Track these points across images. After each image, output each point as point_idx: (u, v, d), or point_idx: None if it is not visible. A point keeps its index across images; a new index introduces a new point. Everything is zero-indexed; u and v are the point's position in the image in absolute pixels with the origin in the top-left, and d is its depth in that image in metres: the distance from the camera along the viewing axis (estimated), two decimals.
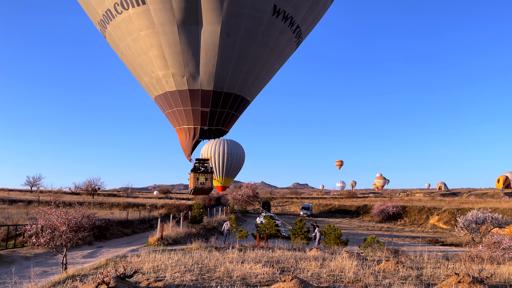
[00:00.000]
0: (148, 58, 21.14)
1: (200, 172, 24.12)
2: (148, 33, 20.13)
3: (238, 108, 23.79)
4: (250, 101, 24.61)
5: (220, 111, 22.42)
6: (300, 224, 20.28)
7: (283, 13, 19.95)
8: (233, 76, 21.42)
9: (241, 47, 20.42)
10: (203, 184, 23.82)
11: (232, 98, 22.36)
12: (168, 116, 23.92)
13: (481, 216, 30.68)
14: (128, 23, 20.24)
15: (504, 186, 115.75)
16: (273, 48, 21.69)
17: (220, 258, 11.22)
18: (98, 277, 6.59)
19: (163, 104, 23.40)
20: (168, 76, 21.41)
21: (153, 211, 42.20)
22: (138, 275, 8.93)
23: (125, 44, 21.59)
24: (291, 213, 67.55)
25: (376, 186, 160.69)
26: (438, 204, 55.13)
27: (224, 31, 19.71)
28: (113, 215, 31.51)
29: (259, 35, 20.37)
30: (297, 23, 21.35)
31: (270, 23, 20.10)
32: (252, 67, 21.76)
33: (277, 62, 23.68)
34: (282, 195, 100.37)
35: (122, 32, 20.92)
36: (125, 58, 22.92)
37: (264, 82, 24.69)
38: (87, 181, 61.31)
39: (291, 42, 22.79)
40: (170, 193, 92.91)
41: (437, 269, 9.12)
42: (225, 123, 23.27)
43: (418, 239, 33.61)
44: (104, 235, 25.77)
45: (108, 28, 21.65)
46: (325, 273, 8.46)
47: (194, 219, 27.47)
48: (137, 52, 21.35)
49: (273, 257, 11.34)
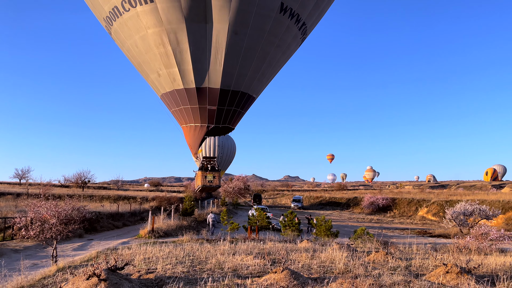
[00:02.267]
0: (155, 56, 21.12)
1: (208, 171, 24.49)
2: (156, 31, 20.10)
3: (245, 106, 24.00)
4: (255, 98, 24.88)
5: (227, 109, 22.59)
6: (291, 216, 20.41)
7: (290, 10, 20.06)
8: (240, 74, 21.58)
9: (248, 45, 20.53)
10: (211, 182, 24.21)
11: (239, 95, 22.53)
12: (175, 114, 23.96)
13: (469, 208, 31.20)
14: (135, 20, 20.16)
15: (492, 179, 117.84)
16: (280, 45, 21.89)
17: (212, 250, 11.25)
18: (89, 270, 6.56)
19: (169, 102, 23.42)
20: (176, 74, 21.44)
21: (144, 204, 42.03)
22: (129, 267, 8.92)
23: (131, 42, 21.52)
24: (282, 205, 67.90)
25: (366, 178, 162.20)
26: (427, 196, 55.92)
27: (232, 29, 19.77)
28: (103, 207, 31.30)
29: (266, 32, 20.49)
30: (303, 20, 21.56)
31: (277, 21, 20.20)
32: (258, 65, 21.92)
33: (283, 58, 23.92)
34: (273, 187, 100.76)
35: (129, 30, 20.84)
36: (132, 56, 22.86)
37: (269, 79, 24.94)
38: (76, 173, 60.67)
39: (296, 39, 23.02)
40: (161, 186, 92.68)
41: (426, 260, 9.27)
42: (231, 120, 23.47)
43: (407, 231, 34.08)
44: (94, 228, 25.60)
45: (115, 25, 21.52)
46: (315, 264, 8.54)
47: (185, 212, 27.45)
48: (144, 50, 21.31)
49: (264, 249, 11.41)
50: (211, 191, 27.94)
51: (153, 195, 51.13)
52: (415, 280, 6.90)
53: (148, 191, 69.64)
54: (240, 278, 7.17)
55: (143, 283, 7.11)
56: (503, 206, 39.46)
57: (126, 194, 53.21)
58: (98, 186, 74.70)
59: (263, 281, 6.85)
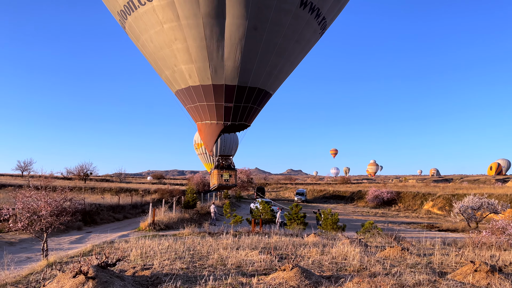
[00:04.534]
0: (171, 52, 20.48)
1: (224, 169, 24.14)
2: (172, 26, 19.42)
3: (261, 102, 23.46)
4: (272, 94, 24.37)
5: (244, 105, 22.05)
6: (297, 209, 19.71)
7: (310, 4, 19.36)
8: (258, 71, 20.98)
9: (267, 41, 19.84)
10: (227, 181, 23.97)
11: (256, 92, 21.99)
12: (190, 111, 23.48)
13: (477, 201, 30.43)
14: (151, 15, 19.48)
15: (496, 173, 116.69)
16: (299, 40, 21.24)
17: (214, 244, 10.55)
18: (76, 266, 5.87)
19: (185, 98, 22.86)
20: (192, 71, 20.83)
21: (146, 196, 41.50)
22: (123, 262, 8.25)
23: (147, 37, 20.88)
24: (286, 198, 67.29)
25: (369, 172, 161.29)
26: (432, 190, 55.08)
27: (251, 24, 19.05)
28: (103, 199, 30.74)
29: (286, 28, 19.79)
30: (323, 14, 20.90)
31: (297, 15, 19.50)
32: (277, 61, 21.29)
33: (301, 54, 23.30)
34: (276, 181, 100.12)
35: (145, 24, 20.18)
36: (146, 51, 22.25)
37: (287, 75, 24.37)
38: (79, 166, 60.22)
39: (315, 34, 22.38)
40: (164, 179, 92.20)
41: (445, 257, 8.54)
42: (248, 117, 22.98)
43: (414, 225, 33.37)
44: (94, 220, 25.06)
45: (129, 19, 20.89)
46: (327, 260, 7.82)
47: (187, 204, 26.82)
48: (159, 45, 20.67)
49: (270, 243, 10.72)
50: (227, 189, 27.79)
51: (155, 187, 50.64)
52: (440, 279, 6.19)
53: (151, 183, 69.20)
54: (245, 276, 6.48)
55: (137, 281, 6.41)
56: (511, 200, 38.64)
57: (128, 186, 52.79)
58: (100, 179, 74.33)
59: (270, 280, 6.15)
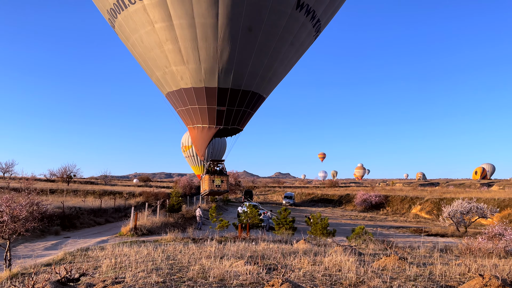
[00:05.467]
0: (163, 53, 19.70)
1: (216, 174, 23.33)
2: (164, 26, 18.65)
3: (255, 106, 22.78)
4: (265, 98, 23.76)
5: (237, 109, 21.38)
6: (285, 213, 19.01)
7: (306, 6, 18.83)
8: (252, 73, 20.34)
9: (262, 43, 19.21)
10: (219, 186, 23.17)
11: (249, 96, 21.33)
12: (181, 114, 22.68)
13: (466, 206, 30.22)
14: (142, 14, 18.67)
15: (481, 177, 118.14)
16: (293, 43, 20.63)
17: (196, 252, 9.75)
18: (29, 283, 5.04)
19: (176, 101, 22.03)
20: (184, 72, 20.06)
21: (130, 199, 40.31)
22: (95, 274, 7.41)
23: (137, 37, 20.05)
24: (274, 202, 66.62)
25: (356, 176, 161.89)
26: (420, 194, 55.09)
27: (245, 25, 18.39)
28: (84, 202, 29.55)
29: (281, 30, 19.19)
30: (318, 16, 20.44)
31: (293, 17, 18.94)
32: (271, 64, 20.68)
33: (296, 57, 22.77)
34: (264, 184, 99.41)
35: (135, 24, 19.35)
36: (136, 51, 21.35)
37: (280, 78, 23.82)
38: (62, 168, 58.50)
39: (310, 36, 21.89)
40: (151, 181, 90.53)
41: (447, 267, 7.92)
42: (241, 121, 22.25)
43: (403, 229, 33.02)
44: (73, 225, 23.94)
45: (119, 18, 20.01)
46: (319, 272, 7.11)
47: (172, 208, 25.88)
48: (150, 46, 19.88)
49: (257, 251, 9.97)
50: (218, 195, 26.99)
51: (140, 190, 49.37)
52: None
53: (137, 186, 67.67)
54: None
55: None
56: (498, 204, 38.71)
57: (113, 189, 51.40)
58: (85, 181, 72.57)
59: None
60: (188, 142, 74.58)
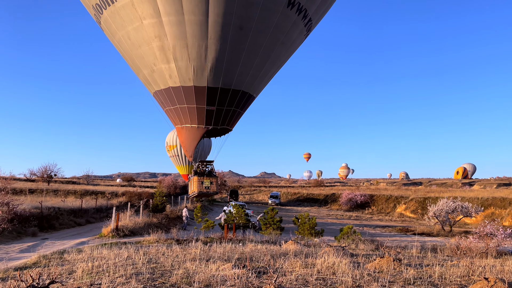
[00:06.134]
0: (151, 50, 19.08)
1: (205, 176, 22.69)
2: (152, 23, 18.05)
3: (245, 106, 22.28)
4: (255, 97, 23.20)
5: (227, 109, 20.89)
6: (272, 213, 18.58)
7: (298, 4, 18.45)
8: (242, 72, 19.87)
9: (252, 41, 18.78)
10: (208, 188, 22.60)
11: (239, 95, 20.86)
12: (169, 113, 21.91)
13: (452, 205, 30.35)
14: (129, 10, 18.03)
15: (463, 177, 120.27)
16: (284, 42, 20.26)
17: (180, 255, 9.19)
18: None
19: (164, 100, 21.32)
20: (172, 71, 19.44)
21: (113, 199, 39.26)
22: (68, 281, 6.79)
23: (124, 33, 19.34)
24: (259, 201, 66.20)
25: (341, 175, 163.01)
26: (404, 193, 55.46)
27: (236, 23, 17.89)
28: (64, 202, 28.52)
29: (272, 28, 18.79)
30: (310, 15, 20.02)
31: (284, 16, 18.55)
32: (262, 62, 20.23)
33: (286, 56, 22.32)
34: (250, 183, 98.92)
35: (122, 20, 18.67)
36: (123, 48, 20.56)
37: (270, 77, 23.28)
38: (42, 167, 56.77)
39: (301, 35, 21.44)
40: (134, 181, 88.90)
41: (444, 269, 7.58)
42: (230, 121, 21.72)
43: (389, 228, 33.00)
44: (52, 225, 22.93)
45: (105, 13, 19.20)
46: (312, 275, 6.66)
47: (155, 208, 25.15)
48: (138, 43, 19.21)
49: (245, 253, 9.48)
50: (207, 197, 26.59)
51: (124, 190, 48.26)
52: None
53: (120, 186, 66.27)
54: None
55: None
56: (482, 203, 39.10)
57: (95, 189, 50.14)
58: (66, 181, 70.77)
59: None
60: (172, 141, 73.51)
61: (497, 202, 39.21)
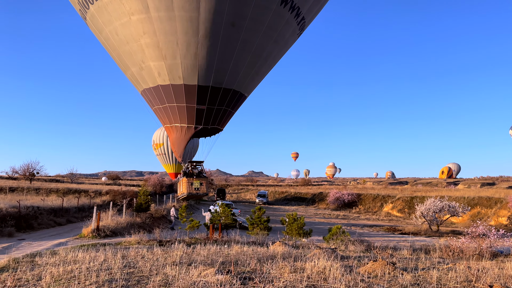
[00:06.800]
0: (139, 47, 18.36)
1: (194, 177, 22.06)
2: (141, 18, 17.32)
3: (236, 105, 21.67)
4: (247, 97, 22.62)
5: (218, 108, 20.28)
6: (260, 213, 18.07)
7: (291, 2, 17.99)
8: (234, 71, 19.30)
9: (245, 39, 18.22)
10: (198, 189, 21.97)
11: (230, 94, 20.28)
12: (158, 112, 21.16)
13: (439, 204, 30.34)
14: (117, 5, 17.30)
15: (447, 176, 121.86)
16: (277, 40, 19.74)
17: (161, 258, 8.60)
18: None
19: (152, 98, 20.57)
20: (161, 68, 18.74)
21: (96, 198, 38.27)
22: None
23: (111, 29, 18.54)
24: (247, 200, 65.71)
25: (328, 174, 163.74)
26: (391, 192, 55.65)
27: (228, 20, 17.30)
28: (44, 201, 27.54)
29: (265, 26, 18.28)
30: (303, 14, 19.57)
31: (277, 14, 18.05)
32: (254, 61, 19.70)
33: (279, 55, 21.81)
34: (238, 182, 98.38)
35: (109, 15, 17.91)
36: (110, 45, 19.72)
37: (263, 77, 22.69)
38: (24, 165, 55.31)
39: (294, 35, 20.96)
40: (120, 179, 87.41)
41: (441, 273, 7.17)
42: (221, 121, 21.10)
43: (376, 228, 32.87)
44: (30, 225, 22.03)
45: (91, 9, 18.38)
46: (302, 281, 6.17)
47: (139, 207, 24.41)
48: (125, 39, 18.46)
49: (230, 256, 8.94)
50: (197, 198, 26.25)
51: (108, 188, 47.21)
52: None
53: (105, 184, 64.99)
54: None
55: None
56: (468, 203, 39.34)
57: (79, 187, 49.00)
58: (50, 179, 69.17)
59: None
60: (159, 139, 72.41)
61: (483, 202, 39.48)
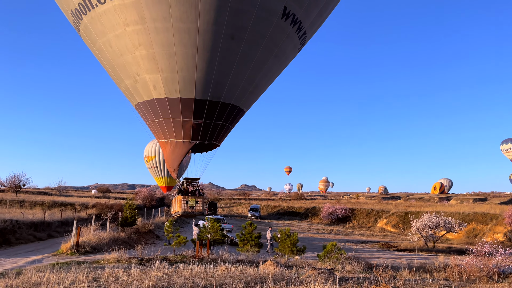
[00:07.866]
0: (134, 59, 17.63)
1: (190, 195, 21.19)
2: (136, 29, 16.66)
3: (234, 120, 20.85)
4: (245, 112, 21.81)
5: (215, 123, 19.49)
6: (250, 228, 17.13)
7: (293, 16, 17.33)
8: (232, 85, 18.54)
9: (244, 52, 17.53)
10: (193, 208, 20.94)
11: (229, 109, 19.51)
12: (152, 127, 20.27)
13: (435, 220, 29.62)
14: (111, 15, 16.60)
15: (440, 192, 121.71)
16: (278, 55, 19.05)
17: (136, 281, 7.64)
18: None
19: (147, 112, 19.69)
20: (157, 81, 17.95)
21: (82, 211, 36.94)
22: None
23: (105, 40, 17.83)
24: (239, 214, 64.43)
25: (321, 189, 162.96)
26: (385, 207, 54.87)
27: (228, 32, 16.60)
28: (24, 215, 26.27)
29: (265, 39, 17.59)
30: (305, 28, 18.98)
31: (278, 27, 17.40)
32: (253, 75, 18.98)
33: (279, 70, 21.12)
34: (230, 196, 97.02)
35: (103, 26, 17.20)
36: (103, 57, 18.92)
37: (262, 91, 21.93)
38: (11, 176, 53.90)
39: (294, 49, 20.33)
40: (110, 192, 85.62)
41: None
42: (218, 137, 20.23)
43: (371, 244, 31.96)
44: (7, 240, 20.78)
45: (85, 19, 17.67)
46: None
47: (124, 222, 23.26)
48: (120, 51, 17.74)
49: (214, 277, 8.00)
50: (192, 217, 25.43)
51: (95, 201, 45.83)
52: None
53: (94, 197, 63.46)
54: None
55: None
56: (463, 218, 38.67)
57: (65, 200, 47.62)
58: (38, 191, 67.51)
59: None
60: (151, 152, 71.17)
61: (478, 218, 38.83)
